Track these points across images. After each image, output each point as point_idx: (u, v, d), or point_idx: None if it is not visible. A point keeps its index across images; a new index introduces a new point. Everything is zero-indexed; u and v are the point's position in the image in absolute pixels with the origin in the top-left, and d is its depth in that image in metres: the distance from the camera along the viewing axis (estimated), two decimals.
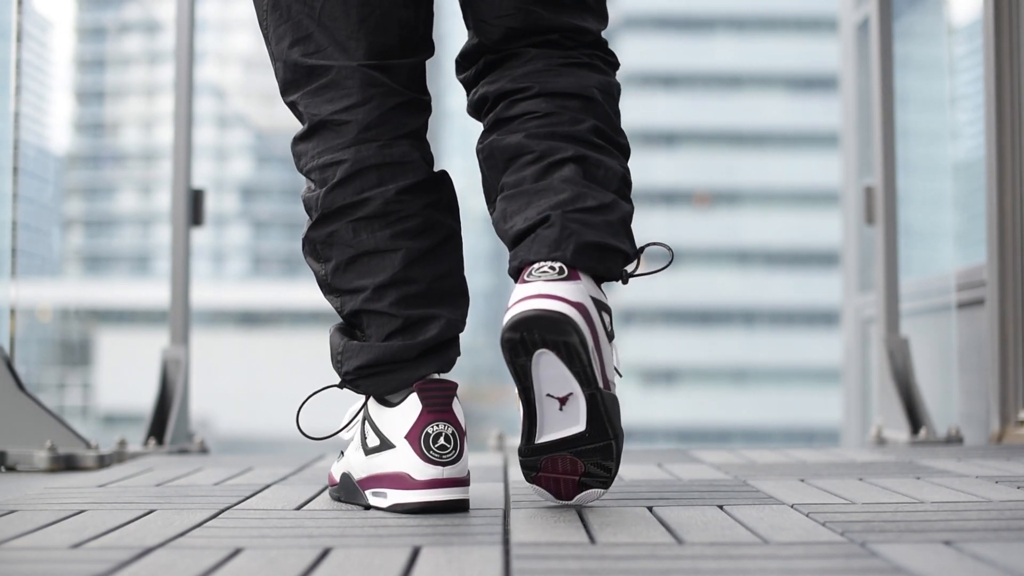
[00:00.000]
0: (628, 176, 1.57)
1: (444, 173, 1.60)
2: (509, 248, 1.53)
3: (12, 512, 1.54)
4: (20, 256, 2.58)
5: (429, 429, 1.47)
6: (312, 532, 1.34)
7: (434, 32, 1.65)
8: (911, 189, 3.71)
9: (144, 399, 2.92)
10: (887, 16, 3.16)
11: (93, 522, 1.43)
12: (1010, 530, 1.29)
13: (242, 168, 56.56)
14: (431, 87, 1.66)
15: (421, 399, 1.48)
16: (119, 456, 2.47)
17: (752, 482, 1.80)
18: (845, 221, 4.58)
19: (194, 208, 3.00)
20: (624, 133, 1.61)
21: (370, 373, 1.53)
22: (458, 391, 1.53)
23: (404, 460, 1.48)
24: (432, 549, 1.21)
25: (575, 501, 1.52)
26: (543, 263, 1.45)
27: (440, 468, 1.47)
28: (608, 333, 1.49)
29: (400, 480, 1.49)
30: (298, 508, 1.57)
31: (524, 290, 1.43)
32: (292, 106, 1.61)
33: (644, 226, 1.70)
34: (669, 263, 1.56)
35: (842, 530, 1.29)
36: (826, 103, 40.85)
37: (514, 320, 1.40)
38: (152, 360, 2.90)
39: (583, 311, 1.42)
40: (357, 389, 1.56)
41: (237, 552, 1.20)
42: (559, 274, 1.43)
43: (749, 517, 1.41)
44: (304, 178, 1.60)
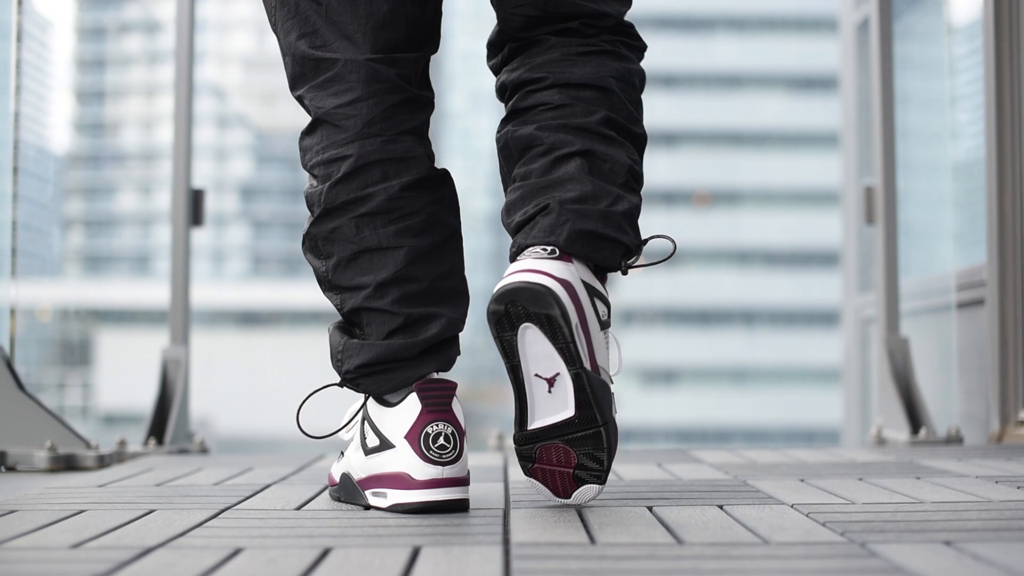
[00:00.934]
0: (637, 168, 1.57)
1: (446, 171, 1.60)
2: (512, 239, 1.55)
3: (12, 512, 1.54)
4: (20, 256, 2.58)
5: (429, 429, 1.48)
6: (312, 532, 1.34)
7: None
8: (911, 189, 3.71)
9: (144, 399, 2.92)
10: (887, 16, 3.16)
11: (93, 522, 1.43)
12: (1010, 530, 1.29)
13: (242, 168, 56.56)
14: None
15: (420, 399, 1.48)
16: (119, 456, 2.47)
17: (752, 482, 1.80)
18: (845, 221, 4.58)
19: (194, 208, 3.00)
20: (641, 121, 1.60)
21: (370, 372, 1.53)
22: (458, 391, 1.53)
23: (404, 460, 1.48)
24: (432, 549, 1.21)
25: (572, 500, 1.51)
26: (536, 246, 1.47)
27: (440, 468, 1.47)
28: (601, 321, 1.49)
29: (400, 480, 1.49)
30: (298, 508, 1.57)
31: (513, 267, 1.46)
32: (300, 100, 1.60)
33: (644, 226, 1.72)
34: (671, 254, 1.56)
35: (842, 530, 1.29)
36: (826, 103, 40.84)
37: (499, 292, 1.43)
38: (152, 360, 2.90)
39: (568, 288, 1.44)
40: (357, 388, 1.56)
41: (237, 552, 1.20)
42: (550, 255, 1.46)
43: (749, 517, 1.41)
44: (307, 174, 1.59)
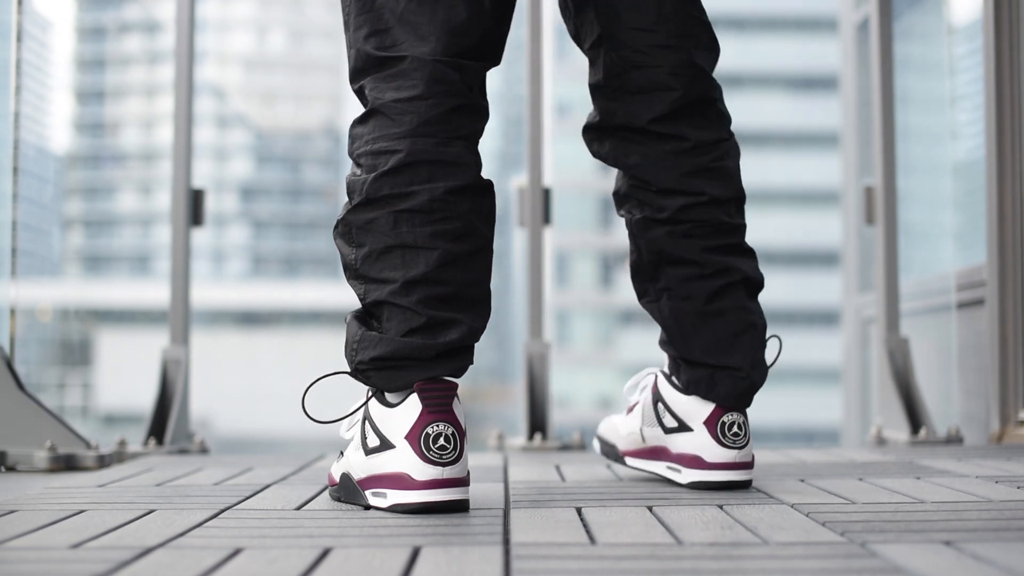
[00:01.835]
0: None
1: (491, 183, 1.61)
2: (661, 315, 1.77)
3: (12, 512, 1.54)
4: (20, 256, 2.58)
5: (429, 429, 1.48)
6: (312, 532, 1.34)
7: None
8: (911, 189, 3.71)
9: (144, 399, 2.92)
10: (887, 16, 3.16)
11: (93, 522, 1.43)
12: (1010, 530, 1.29)
13: (242, 168, 56.53)
14: None
15: (421, 399, 1.49)
16: (119, 456, 2.47)
17: (752, 482, 1.80)
18: (845, 221, 4.58)
19: (194, 208, 3.00)
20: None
21: (383, 366, 1.52)
22: (458, 391, 1.53)
23: (404, 460, 1.49)
24: (432, 549, 1.21)
25: None
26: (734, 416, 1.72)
27: (440, 468, 1.48)
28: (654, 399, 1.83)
29: (400, 480, 1.49)
30: (298, 508, 1.57)
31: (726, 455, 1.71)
32: (359, 92, 1.60)
33: None
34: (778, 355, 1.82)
35: (842, 530, 1.29)
36: (826, 103, 40.83)
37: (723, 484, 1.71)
38: (152, 360, 2.90)
39: None
40: (368, 380, 1.55)
41: (237, 552, 1.20)
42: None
43: (749, 517, 1.41)
44: (352, 162, 1.60)
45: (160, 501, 1.65)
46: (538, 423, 2.85)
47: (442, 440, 1.48)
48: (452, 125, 1.55)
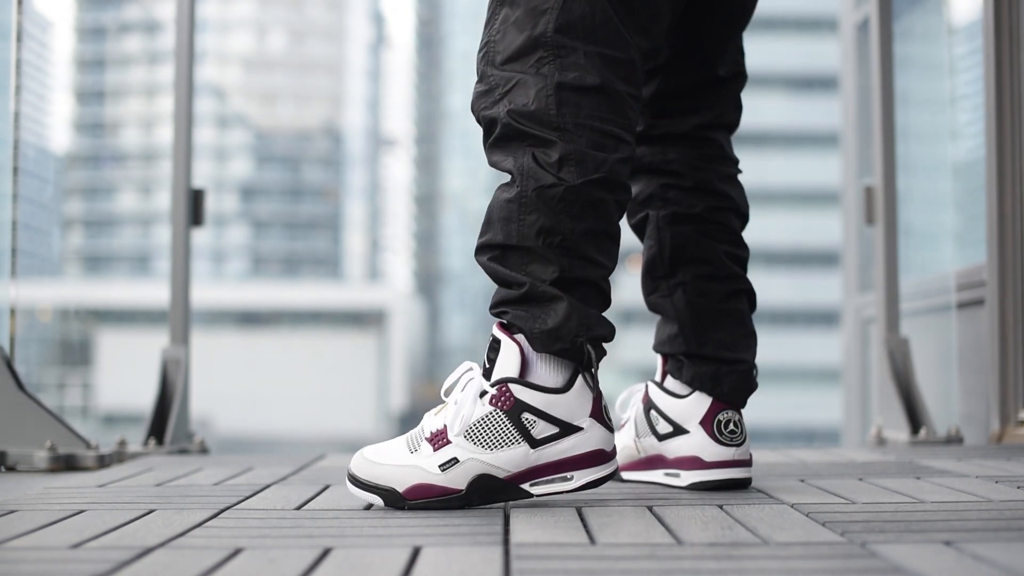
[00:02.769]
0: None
1: None
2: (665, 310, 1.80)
3: (12, 512, 1.54)
4: (20, 256, 2.58)
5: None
6: (312, 532, 1.34)
7: (436, 32, 1.67)
8: (911, 189, 3.71)
9: (144, 399, 2.92)
10: (887, 16, 3.16)
11: (93, 522, 1.43)
12: (1010, 530, 1.29)
13: (242, 168, 56.52)
14: (430, 86, 1.68)
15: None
16: (119, 456, 2.47)
17: (752, 482, 1.80)
18: (845, 221, 4.58)
19: (194, 208, 3.00)
20: None
21: (598, 344, 1.58)
22: None
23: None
24: (432, 549, 1.21)
25: None
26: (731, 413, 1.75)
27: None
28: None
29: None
30: (298, 508, 1.57)
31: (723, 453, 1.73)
32: (577, 58, 1.54)
33: None
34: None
35: (842, 530, 1.29)
36: (826, 103, 40.84)
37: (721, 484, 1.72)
38: (152, 360, 2.90)
39: None
40: (579, 354, 1.54)
41: (237, 552, 1.20)
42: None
43: (749, 517, 1.41)
44: (556, 125, 1.54)
45: (160, 501, 1.65)
46: None
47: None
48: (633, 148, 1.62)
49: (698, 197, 1.80)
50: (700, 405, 1.74)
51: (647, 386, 1.84)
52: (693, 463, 1.73)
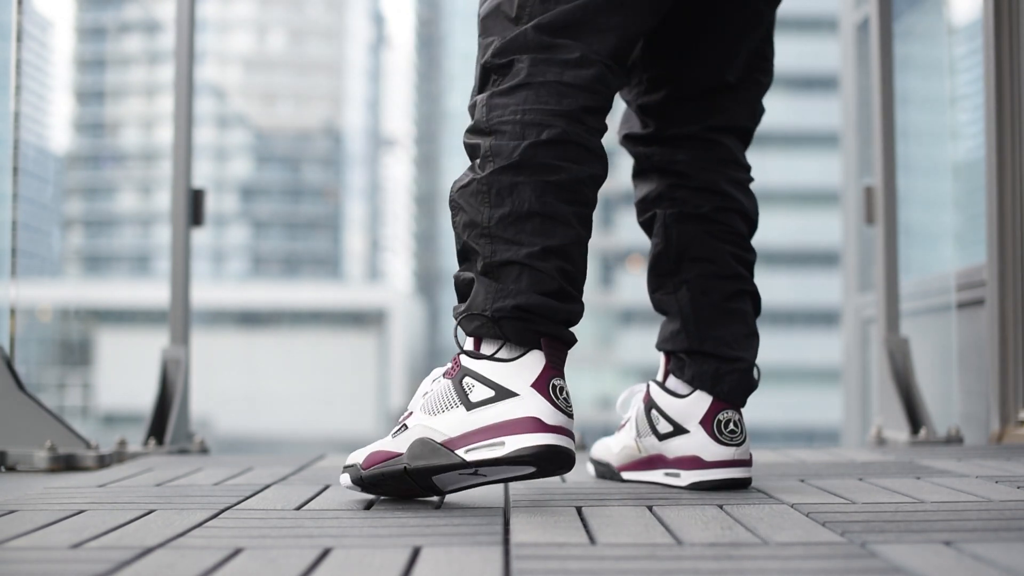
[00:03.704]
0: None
1: None
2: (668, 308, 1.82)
3: (12, 512, 1.54)
4: (20, 256, 2.58)
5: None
6: (312, 532, 1.34)
7: (436, 32, 1.69)
8: (911, 189, 3.71)
9: (144, 399, 2.92)
10: (887, 16, 3.16)
11: (93, 522, 1.43)
12: (1010, 530, 1.29)
13: (242, 168, 56.51)
14: (430, 86, 1.69)
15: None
16: (119, 456, 2.47)
17: (752, 482, 1.80)
18: (845, 221, 4.58)
19: (194, 208, 3.00)
20: None
21: (522, 316, 1.54)
22: None
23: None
24: (432, 549, 1.21)
25: None
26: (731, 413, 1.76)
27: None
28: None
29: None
30: (298, 508, 1.57)
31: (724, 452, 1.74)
32: (506, 64, 1.61)
33: (635, 227, 1.85)
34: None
35: (842, 530, 1.29)
36: (826, 103, 40.83)
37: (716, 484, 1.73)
38: (152, 360, 2.90)
39: None
40: (499, 329, 1.55)
41: (237, 552, 1.20)
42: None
43: (749, 517, 1.41)
44: (482, 129, 1.60)
45: (160, 501, 1.65)
46: None
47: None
48: (599, 123, 1.62)
49: (705, 197, 1.82)
50: (700, 405, 1.75)
51: (648, 386, 1.84)
52: (693, 463, 1.73)
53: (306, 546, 1.24)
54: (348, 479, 1.61)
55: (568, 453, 1.51)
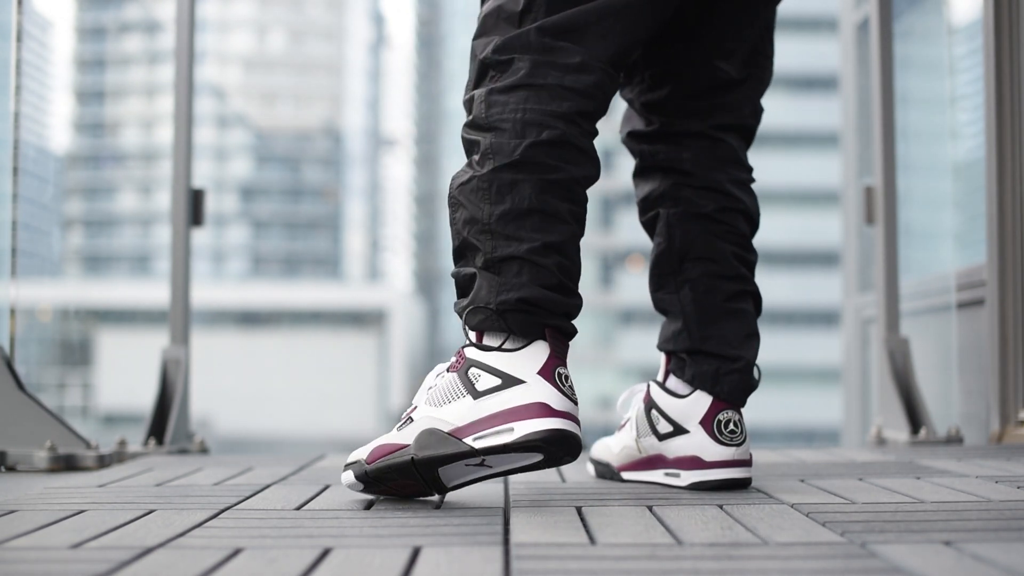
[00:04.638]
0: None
1: None
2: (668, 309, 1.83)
3: (12, 512, 1.54)
4: (20, 256, 2.58)
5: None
6: (312, 532, 1.34)
7: (436, 32, 1.70)
8: (911, 189, 3.71)
9: (144, 399, 2.92)
10: (887, 16, 3.16)
11: (93, 522, 1.43)
12: (1010, 530, 1.29)
13: (242, 168, 56.50)
14: (431, 86, 1.69)
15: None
16: (119, 456, 2.47)
17: (752, 482, 1.80)
18: (845, 221, 4.58)
19: (194, 208, 3.00)
20: None
21: (526, 308, 1.56)
22: None
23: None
24: (432, 549, 1.21)
25: None
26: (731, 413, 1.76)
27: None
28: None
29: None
30: (298, 508, 1.57)
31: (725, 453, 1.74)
32: (505, 62, 1.63)
33: (634, 227, 1.87)
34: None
35: (842, 530, 1.29)
36: (826, 103, 40.84)
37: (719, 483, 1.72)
38: (152, 360, 2.90)
39: None
40: (504, 322, 1.56)
41: (237, 552, 1.20)
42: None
43: (749, 517, 1.41)
44: (480, 126, 1.62)
45: (160, 501, 1.65)
46: None
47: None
48: (593, 126, 1.64)
49: (709, 197, 1.82)
50: (700, 405, 1.75)
51: (648, 386, 1.84)
52: (693, 463, 1.73)
53: (306, 546, 1.24)
54: (350, 476, 1.61)
55: (576, 438, 1.52)
